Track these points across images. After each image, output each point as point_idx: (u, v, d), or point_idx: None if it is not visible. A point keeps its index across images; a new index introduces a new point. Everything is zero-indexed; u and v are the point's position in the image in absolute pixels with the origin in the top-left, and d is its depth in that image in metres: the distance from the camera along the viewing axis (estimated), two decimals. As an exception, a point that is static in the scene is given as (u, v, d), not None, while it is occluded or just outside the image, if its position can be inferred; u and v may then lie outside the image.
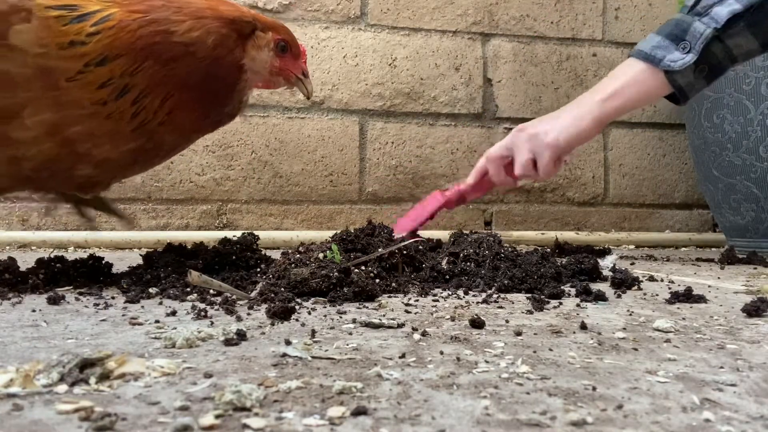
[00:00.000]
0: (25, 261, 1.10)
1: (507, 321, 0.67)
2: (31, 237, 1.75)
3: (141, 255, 1.09)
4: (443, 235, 1.55)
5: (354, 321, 0.65)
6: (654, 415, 0.37)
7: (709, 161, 1.74)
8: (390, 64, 2.07)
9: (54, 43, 0.79)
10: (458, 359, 0.49)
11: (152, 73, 0.84)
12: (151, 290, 0.83)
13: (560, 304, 0.80)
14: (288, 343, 0.53)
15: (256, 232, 1.21)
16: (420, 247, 1.08)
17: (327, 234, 1.34)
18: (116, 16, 0.82)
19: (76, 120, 0.82)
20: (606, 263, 1.13)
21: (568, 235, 2.01)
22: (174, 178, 1.93)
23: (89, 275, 0.94)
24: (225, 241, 1.15)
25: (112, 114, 0.83)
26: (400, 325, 0.63)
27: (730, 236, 1.81)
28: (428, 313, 0.71)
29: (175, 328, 0.58)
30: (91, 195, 1.02)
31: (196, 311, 0.68)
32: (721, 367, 0.48)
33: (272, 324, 0.63)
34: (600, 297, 0.83)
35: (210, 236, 1.83)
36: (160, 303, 0.77)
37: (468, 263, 1.04)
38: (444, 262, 1.04)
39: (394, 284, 0.90)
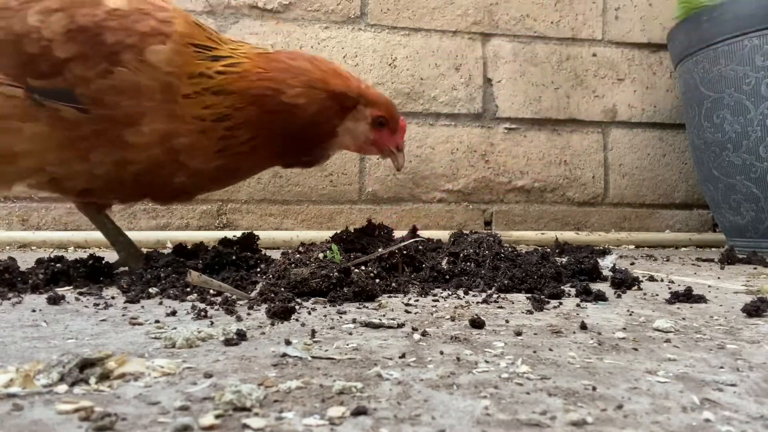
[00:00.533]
0: (25, 261, 1.10)
1: (507, 321, 0.67)
2: (31, 237, 1.75)
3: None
4: (443, 235, 1.55)
5: (354, 321, 0.65)
6: (654, 415, 0.37)
7: (709, 161, 1.74)
8: (390, 64, 2.06)
9: (185, 70, 0.93)
10: (458, 359, 0.49)
11: (251, 115, 0.97)
12: (151, 290, 0.83)
13: (560, 304, 0.80)
14: (288, 343, 0.53)
15: (256, 232, 1.21)
16: (420, 247, 1.08)
17: (327, 234, 1.34)
18: (243, 66, 0.97)
19: (182, 132, 0.94)
20: (606, 263, 1.13)
21: (568, 235, 2.01)
22: (174, 178, 1.93)
23: (89, 275, 0.94)
24: (225, 241, 1.15)
25: (206, 131, 0.95)
26: (400, 325, 0.63)
27: (730, 236, 1.81)
28: (428, 313, 0.71)
29: (175, 328, 0.58)
30: (178, 203, 1.13)
31: (196, 311, 0.68)
32: (721, 367, 0.48)
33: (272, 324, 0.63)
34: (600, 297, 0.83)
35: (210, 236, 1.83)
36: (160, 303, 0.77)
37: (468, 263, 1.04)
38: (444, 262, 1.04)
39: (394, 284, 0.90)
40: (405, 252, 1.01)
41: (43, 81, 0.89)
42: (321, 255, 0.93)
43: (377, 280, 0.89)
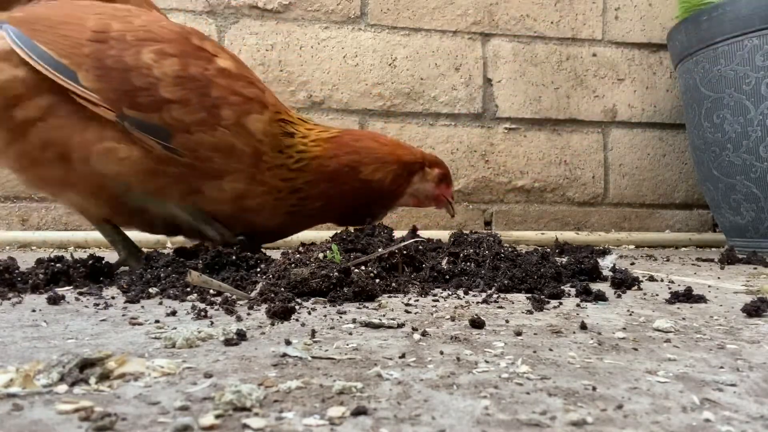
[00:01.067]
0: (25, 261, 1.10)
1: (507, 321, 0.67)
2: (31, 237, 1.75)
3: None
4: (443, 235, 1.55)
5: (354, 321, 0.65)
6: (654, 415, 0.37)
7: (709, 161, 1.74)
8: (390, 64, 2.07)
9: (273, 142, 1.02)
10: (458, 359, 0.49)
11: (325, 189, 1.09)
12: (151, 290, 0.83)
13: (560, 304, 0.80)
14: (288, 343, 0.53)
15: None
16: (420, 247, 1.08)
17: (327, 234, 1.34)
18: (319, 152, 1.08)
19: (256, 194, 1.03)
20: (606, 263, 1.13)
21: (568, 235, 2.01)
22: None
23: (89, 275, 0.94)
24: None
25: (280, 199, 1.06)
26: (400, 325, 0.63)
27: (730, 236, 1.81)
28: (428, 313, 0.71)
29: (175, 328, 0.58)
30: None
31: (196, 311, 0.68)
32: (721, 367, 0.48)
33: (272, 324, 0.63)
34: (600, 297, 0.83)
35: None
36: (160, 303, 0.77)
37: (468, 263, 1.04)
38: (444, 262, 1.04)
39: (394, 284, 0.90)
40: (405, 252, 1.01)
41: (139, 113, 0.93)
42: (321, 255, 0.93)
43: (377, 280, 0.89)
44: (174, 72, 0.95)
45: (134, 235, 1.21)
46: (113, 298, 0.80)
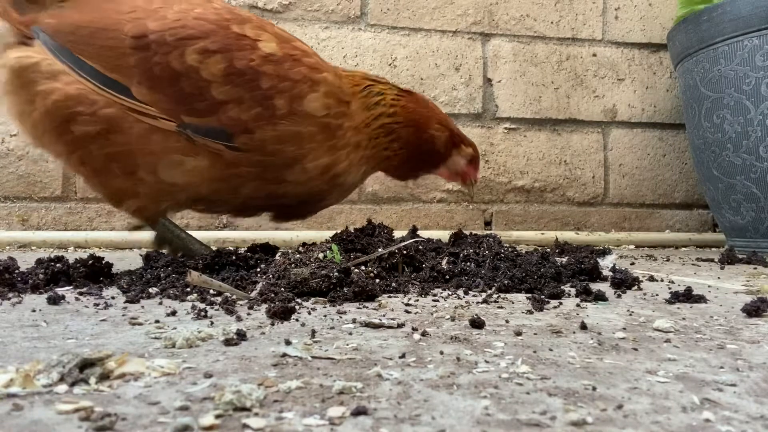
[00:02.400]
0: (25, 261, 1.10)
1: (507, 321, 0.67)
2: (31, 237, 1.75)
3: (141, 255, 1.09)
4: (443, 235, 1.55)
5: (354, 321, 0.65)
6: (654, 415, 0.37)
7: (709, 161, 1.74)
8: (390, 64, 2.06)
9: (361, 101, 1.08)
10: (458, 359, 0.49)
11: (409, 134, 1.16)
12: (151, 290, 0.83)
13: (560, 304, 0.80)
14: (288, 343, 0.53)
15: (256, 232, 1.21)
16: (420, 247, 1.08)
17: (327, 234, 1.34)
18: (403, 100, 1.17)
19: (341, 160, 1.05)
20: (606, 263, 1.13)
21: (568, 235, 2.01)
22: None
23: (89, 275, 0.94)
24: (252, 247, 1.14)
25: (364, 145, 1.10)
26: (400, 325, 0.63)
27: (730, 236, 1.81)
28: (428, 313, 0.71)
29: (175, 328, 0.58)
30: (301, 220, 1.29)
31: (196, 311, 0.68)
32: (721, 367, 0.48)
33: (272, 324, 0.63)
34: (600, 297, 0.83)
35: (210, 236, 1.83)
36: (160, 303, 0.77)
37: (468, 263, 1.04)
38: (444, 262, 1.04)
39: (394, 284, 0.90)
40: (405, 252, 1.01)
41: (198, 119, 0.92)
42: (321, 255, 0.93)
43: (377, 280, 0.89)
44: (221, 71, 0.92)
45: (134, 235, 1.21)
46: (113, 298, 0.80)
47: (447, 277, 0.98)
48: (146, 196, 0.98)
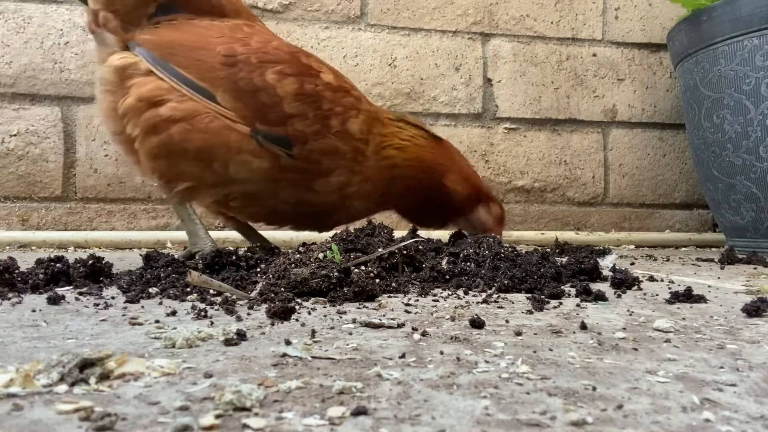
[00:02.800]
0: (25, 261, 1.10)
1: (507, 321, 0.67)
2: (31, 237, 1.75)
3: (141, 255, 1.09)
4: (443, 235, 1.55)
5: (354, 321, 0.65)
6: (654, 415, 0.37)
7: (709, 161, 1.74)
8: (390, 64, 2.07)
9: (369, 138, 1.18)
10: (458, 359, 0.49)
11: (415, 180, 1.24)
12: (151, 290, 0.83)
13: (560, 304, 0.80)
14: (288, 343, 0.53)
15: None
16: (420, 247, 1.08)
17: (327, 234, 1.34)
18: (423, 141, 1.26)
19: (354, 183, 1.18)
20: (606, 263, 1.13)
21: (568, 235, 2.01)
22: (174, 178, 1.93)
23: (89, 275, 0.94)
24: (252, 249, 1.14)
25: (375, 186, 1.21)
26: (400, 325, 0.63)
27: (730, 236, 1.81)
28: (428, 313, 0.71)
29: (175, 328, 0.58)
30: (318, 231, 1.39)
31: (196, 311, 0.68)
32: (721, 367, 0.48)
33: (272, 324, 0.63)
34: (600, 297, 0.83)
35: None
36: (160, 303, 0.77)
37: (468, 263, 1.04)
38: (444, 262, 1.04)
39: (394, 284, 0.90)
40: (405, 252, 1.01)
41: (268, 127, 1.09)
42: (321, 255, 0.93)
43: (377, 280, 0.89)
44: (293, 90, 1.10)
45: (134, 235, 1.22)
46: (113, 298, 0.80)
47: (447, 277, 0.98)
48: (206, 182, 1.12)
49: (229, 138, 1.07)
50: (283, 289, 0.81)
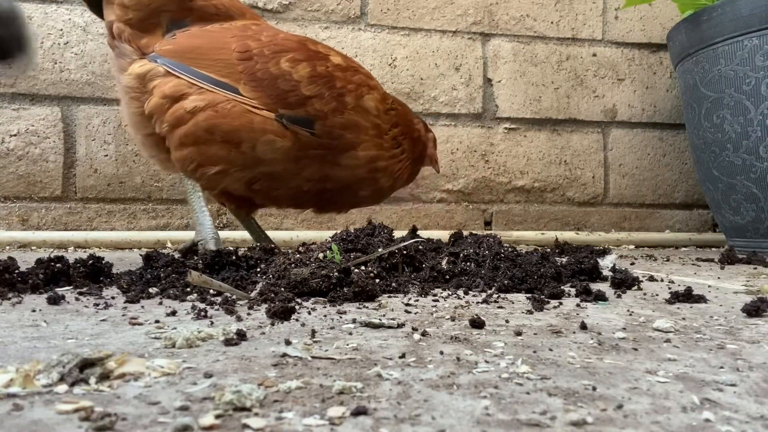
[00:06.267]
0: (25, 261, 1.10)
1: (507, 321, 0.67)
2: (31, 237, 1.75)
3: (141, 255, 1.09)
4: (443, 235, 1.55)
5: (354, 321, 0.65)
6: (654, 415, 0.37)
7: (709, 161, 1.74)
8: (390, 64, 2.06)
9: (382, 114, 1.29)
10: (458, 359, 0.49)
11: (410, 143, 1.37)
12: (151, 290, 0.83)
13: (560, 304, 0.80)
14: (288, 343, 0.53)
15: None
16: (420, 247, 1.08)
17: (327, 234, 1.34)
18: (400, 108, 1.37)
19: (383, 158, 1.29)
20: (606, 263, 1.13)
21: (568, 235, 2.01)
22: (174, 178, 1.93)
23: (89, 275, 0.94)
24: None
25: (394, 156, 1.32)
26: (400, 325, 0.63)
27: (730, 236, 1.81)
28: (428, 313, 0.71)
29: (175, 328, 0.58)
30: (337, 212, 1.48)
31: (196, 311, 0.68)
32: (721, 367, 0.48)
33: (272, 324, 0.63)
34: (600, 297, 0.83)
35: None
36: (160, 303, 0.77)
37: (468, 263, 1.04)
38: (444, 262, 1.04)
39: (394, 284, 0.90)
40: (405, 252, 1.01)
41: (290, 110, 1.18)
42: (321, 255, 0.93)
43: (377, 280, 0.89)
44: (308, 74, 1.19)
45: (134, 235, 1.22)
46: (113, 298, 0.80)
47: (447, 277, 0.98)
48: (235, 164, 1.20)
49: (253, 120, 1.16)
50: (283, 289, 0.81)
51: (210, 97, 1.16)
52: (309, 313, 0.71)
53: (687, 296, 0.82)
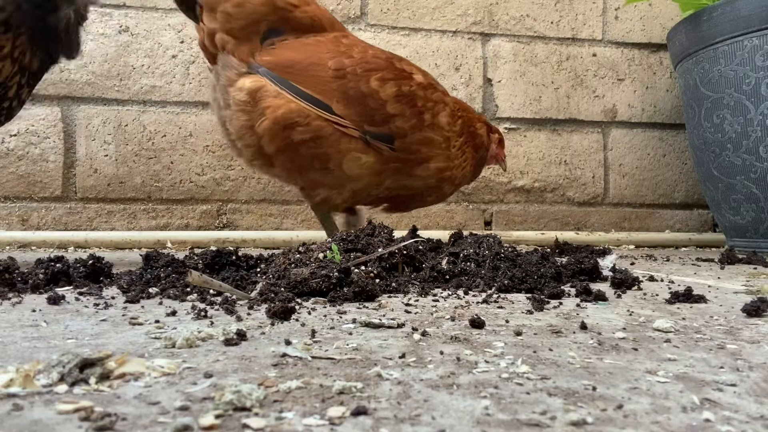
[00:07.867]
0: (25, 261, 1.10)
1: (507, 321, 0.67)
2: (31, 237, 1.75)
3: (141, 255, 1.09)
4: (443, 235, 1.55)
5: (354, 321, 0.65)
6: (654, 415, 0.37)
7: (709, 161, 1.74)
8: (390, 64, 2.06)
9: (455, 129, 1.38)
10: (458, 359, 0.49)
11: (472, 150, 1.44)
12: (151, 290, 0.83)
13: (560, 304, 0.80)
14: (288, 343, 0.53)
15: (256, 232, 1.21)
16: (420, 247, 1.08)
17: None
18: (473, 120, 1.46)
19: (451, 168, 1.37)
20: (606, 263, 1.13)
21: (568, 235, 2.01)
22: (174, 178, 1.93)
23: (89, 275, 0.94)
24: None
25: (458, 167, 1.40)
26: (400, 325, 0.63)
27: (730, 236, 1.81)
28: (428, 313, 0.71)
29: (175, 328, 0.58)
30: (406, 211, 1.59)
31: (196, 311, 0.68)
32: (721, 367, 0.48)
33: (272, 324, 0.63)
34: (600, 297, 0.83)
35: (210, 236, 1.83)
36: (160, 303, 0.77)
37: (468, 263, 1.04)
38: (444, 262, 1.04)
39: (394, 284, 0.90)
40: (405, 252, 1.01)
41: (374, 127, 1.26)
42: (321, 255, 0.93)
43: (377, 280, 0.89)
44: (393, 93, 1.27)
45: (134, 235, 1.22)
46: (113, 298, 0.80)
47: (447, 277, 0.98)
48: (329, 186, 1.30)
49: (341, 141, 1.24)
50: (283, 289, 0.81)
51: (315, 127, 1.22)
52: (309, 313, 0.71)
53: (687, 296, 0.82)
